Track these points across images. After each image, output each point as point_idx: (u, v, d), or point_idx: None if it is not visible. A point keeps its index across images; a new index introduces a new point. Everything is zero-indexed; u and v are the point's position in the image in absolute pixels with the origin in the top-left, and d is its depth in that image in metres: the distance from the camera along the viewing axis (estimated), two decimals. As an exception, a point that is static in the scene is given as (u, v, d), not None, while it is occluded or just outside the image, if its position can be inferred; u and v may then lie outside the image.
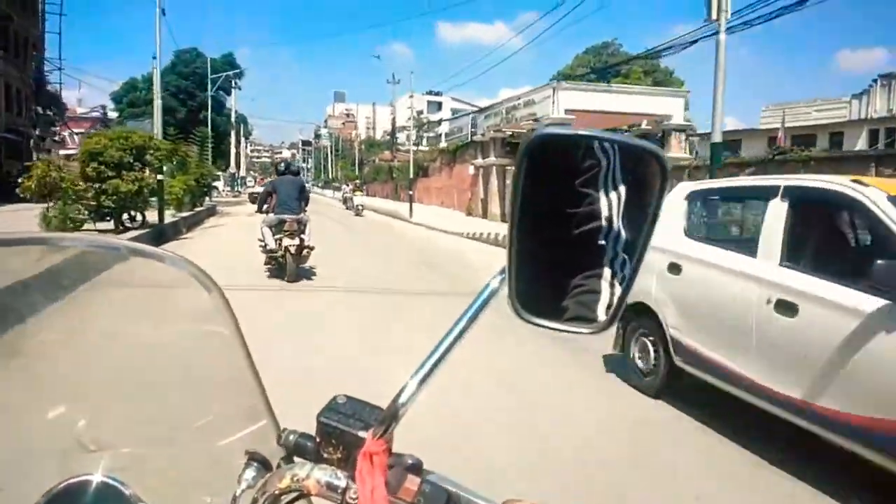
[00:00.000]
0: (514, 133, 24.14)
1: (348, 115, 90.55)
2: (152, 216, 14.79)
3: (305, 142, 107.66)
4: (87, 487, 0.70)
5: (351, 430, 0.62)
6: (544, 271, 0.59)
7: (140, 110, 43.48)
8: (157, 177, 14.64)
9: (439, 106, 66.31)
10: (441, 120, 56.52)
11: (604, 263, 0.56)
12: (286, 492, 0.61)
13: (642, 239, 0.56)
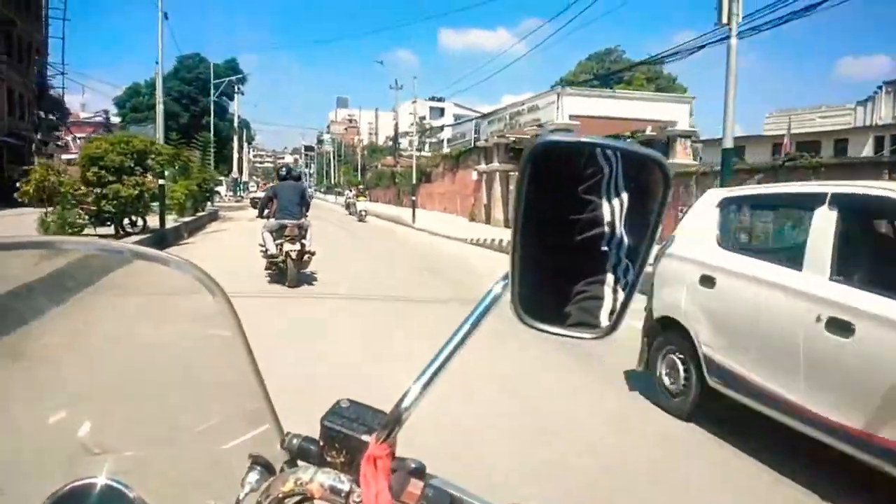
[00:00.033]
0: (518, 139, 24.14)
1: (351, 121, 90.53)
2: (154, 221, 14.78)
3: (308, 147, 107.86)
4: (92, 490, 0.70)
5: (354, 434, 0.62)
6: (547, 277, 0.59)
7: (143, 115, 43.57)
8: (158, 181, 14.64)
9: (442, 112, 66.49)
10: (444, 125, 56.66)
11: (607, 269, 0.57)
12: (290, 495, 0.61)
13: (645, 245, 0.56)
